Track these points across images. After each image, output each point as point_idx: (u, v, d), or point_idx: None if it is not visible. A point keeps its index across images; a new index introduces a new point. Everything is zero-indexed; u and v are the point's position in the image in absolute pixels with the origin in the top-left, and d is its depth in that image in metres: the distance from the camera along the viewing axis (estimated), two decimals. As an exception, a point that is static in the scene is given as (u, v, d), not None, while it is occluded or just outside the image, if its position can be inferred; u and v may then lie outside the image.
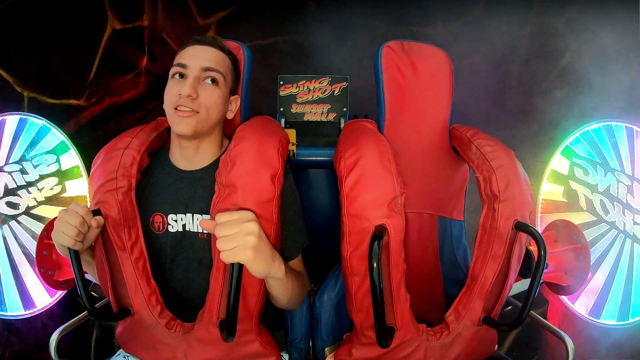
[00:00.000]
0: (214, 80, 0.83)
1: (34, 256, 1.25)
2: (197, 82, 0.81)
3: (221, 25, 1.54)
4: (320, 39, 1.55)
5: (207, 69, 0.82)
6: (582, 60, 1.52)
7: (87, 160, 1.47)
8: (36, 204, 1.45)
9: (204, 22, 1.54)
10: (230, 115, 0.90)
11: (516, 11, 1.52)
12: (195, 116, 0.80)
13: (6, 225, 1.44)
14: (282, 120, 1.23)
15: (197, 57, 0.83)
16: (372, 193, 0.77)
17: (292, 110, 1.24)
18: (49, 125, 1.44)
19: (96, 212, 0.77)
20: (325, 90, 1.23)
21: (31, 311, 1.43)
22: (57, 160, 1.45)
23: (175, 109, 0.80)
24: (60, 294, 1.43)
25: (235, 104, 0.91)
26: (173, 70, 0.83)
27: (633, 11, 1.44)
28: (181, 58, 0.83)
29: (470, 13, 1.53)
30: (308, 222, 0.90)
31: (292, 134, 1.17)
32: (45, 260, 1.24)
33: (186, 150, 0.86)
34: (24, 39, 1.48)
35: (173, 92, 0.81)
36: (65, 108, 1.52)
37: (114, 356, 0.89)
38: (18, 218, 1.44)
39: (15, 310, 1.42)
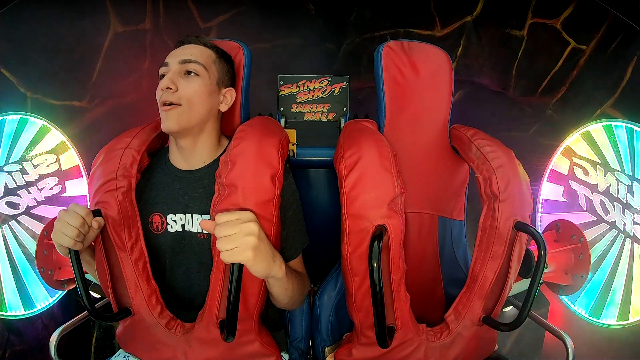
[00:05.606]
0: (193, 72, 0.83)
1: (34, 256, 1.25)
2: (175, 75, 0.82)
3: (222, 28, 1.54)
4: (320, 40, 1.55)
5: (184, 61, 0.83)
6: (581, 59, 1.52)
7: (87, 160, 1.47)
8: (36, 204, 1.45)
9: (205, 25, 1.55)
10: (224, 108, 0.89)
11: (514, 11, 1.52)
12: (177, 109, 0.81)
13: (6, 225, 1.44)
14: (282, 120, 1.23)
15: (176, 55, 0.85)
16: (372, 193, 0.77)
17: (292, 110, 1.24)
18: (49, 125, 1.44)
19: (96, 212, 0.77)
20: (325, 90, 1.23)
21: (31, 311, 1.43)
22: (57, 160, 1.45)
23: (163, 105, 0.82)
24: (60, 294, 1.43)
25: (230, 96, 0.90)
26: (159, 73, 0.86)
27: (632, 10, 1.44)
28: (165, 59, 0.86)
29: (470, 13, 1.53)
30: (308, 222, 0.89)
31: (292, 134, 1.17)
32: (45, 260, 1.24)
33: (183, 149, 0.86)
34: (28, 41, 1.49)
35: (157, 91, 0.83)
36: (67, 109, 1.52)
37: (114, 356, 0.88)
38: (18, 218, 1.44)
39: (15, 310, 1.42)
